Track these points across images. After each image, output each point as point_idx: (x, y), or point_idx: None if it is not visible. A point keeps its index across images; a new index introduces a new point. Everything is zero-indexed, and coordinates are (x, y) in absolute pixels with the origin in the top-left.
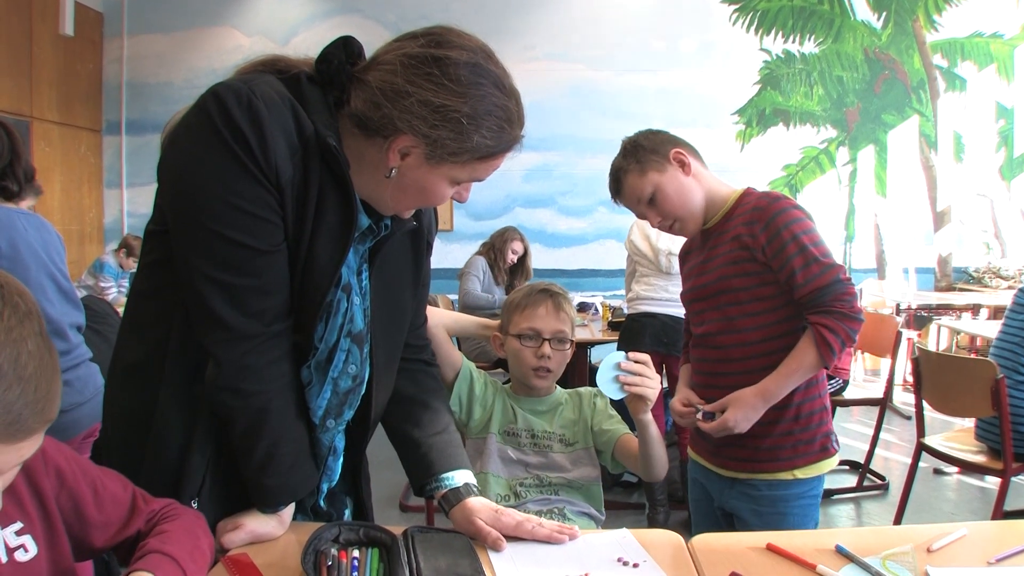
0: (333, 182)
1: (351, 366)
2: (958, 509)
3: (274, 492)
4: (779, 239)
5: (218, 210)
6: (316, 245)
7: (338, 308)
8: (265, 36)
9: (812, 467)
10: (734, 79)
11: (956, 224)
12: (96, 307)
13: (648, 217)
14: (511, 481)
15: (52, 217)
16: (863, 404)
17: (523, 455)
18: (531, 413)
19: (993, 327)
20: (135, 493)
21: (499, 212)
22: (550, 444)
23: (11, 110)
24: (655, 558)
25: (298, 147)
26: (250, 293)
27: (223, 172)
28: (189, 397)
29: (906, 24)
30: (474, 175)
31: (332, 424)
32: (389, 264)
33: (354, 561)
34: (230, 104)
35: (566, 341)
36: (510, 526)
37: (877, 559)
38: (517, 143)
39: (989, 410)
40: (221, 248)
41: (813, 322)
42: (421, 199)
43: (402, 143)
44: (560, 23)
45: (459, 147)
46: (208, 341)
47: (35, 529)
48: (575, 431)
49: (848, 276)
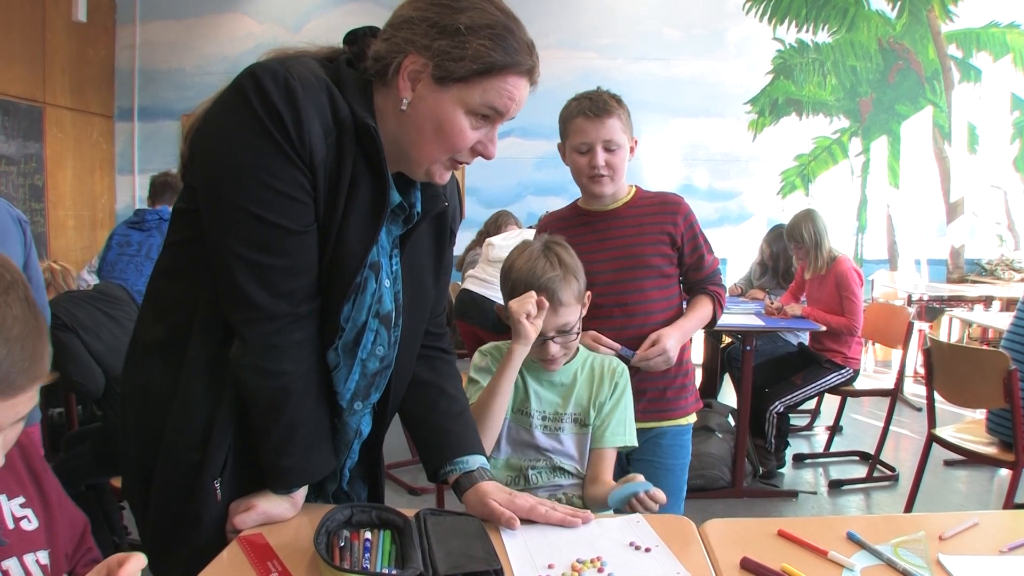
0: (367, 163)
1: (379, 347)
2: (968, 500)
3: (290, 473)
4: (693, 230)
5: (251, 189)
6: (347, 226)
7: (366, 287)
8: (277, 23)
9: (695, 413)
10: (747, 68)
11: (969, 216)
12: (112, 292)
13: (594, 158)
14: (522, 463)
15: (64, 203)
16: (874, 395)
17: (534, 437)
18: (545, 387)
19: (1005, 319)
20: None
21: (511, 199)
22: (562, 426)
23: (24, 96)
24: (667, 543)
25: (332, 128)
26: (280, 273)
27: (258, 151)
28: (212, 378)
29: (921, 14)
30: (487, 98)
31: (360, 407)
32: (417, 250)
33: (366, 543)
34: (266, 84)
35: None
36: (524, 508)
37: (888, 546)
38: (526, 66)
39: (1001, 401)
40: (253, 227)
41: (712, 291)
42: (443, 137)
43: (409, 65)
44: (572, 11)
45: (460, 54)
46: (236, 319)
47: (35, 506)
48: (588, 411)
49: None
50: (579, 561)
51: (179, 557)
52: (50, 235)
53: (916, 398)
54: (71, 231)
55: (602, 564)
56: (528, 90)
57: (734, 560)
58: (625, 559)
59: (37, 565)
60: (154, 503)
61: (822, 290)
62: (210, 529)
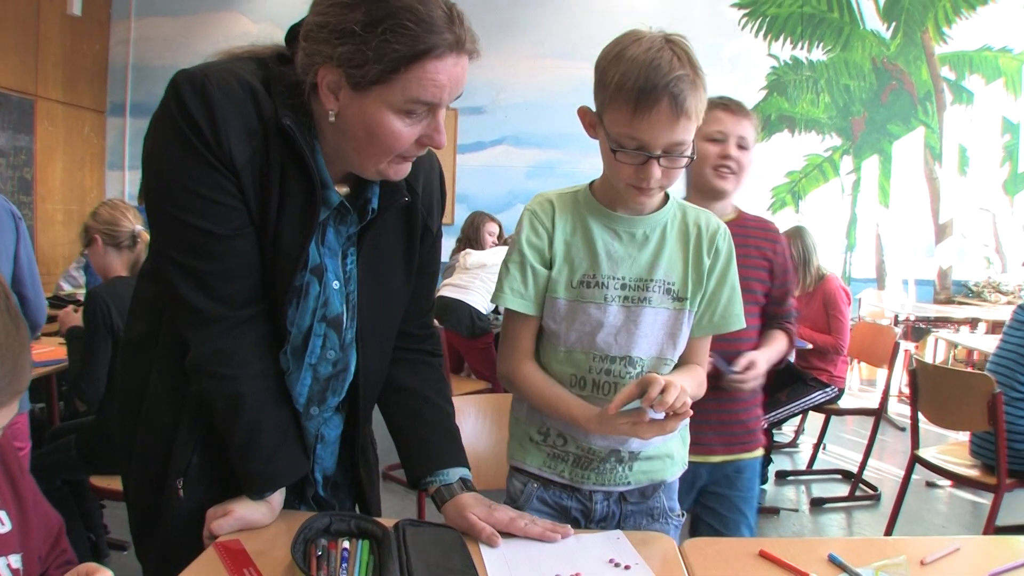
0: (295, 163)
1: (329, 352)
2: (949, 523)
3: (256, 478)
4: (785, 263)
5: (177, 196)
6: (282, 228)
7: (308, 291)
8: (273, 22)
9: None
10: (741, 84)
11: (958, 237)
12: None
13: (727, 148)
14: (587, 357)
15: (53, 196)
16: (858, 414)
17: (606, 316)
18: (625, 243)
19: (991, 342)
20: (63, 528)
21: (501, 207)
22: (648, 297)
23: (16, 88)
24: (647, 561)
25: (257, 129)
26: (215, 277)
27: (180, 159)
28: (179, 376)
29: (915, 35)
30: (408, 93)
31: (316, 411)
32: (378, 248)
33: (344, 552)
34: (184, 92)
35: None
36: (503, 522)
37: (870, 570)
38: (445, 45)
39: (985, 424)
40: (183, 233)
41: (789, 329)
42: (377, 141)
43: (325, 78)
44: (568, 21)
45: (363, 57)
46: (180, 324)
47: (8, 507)
48: (685, 280)
49: None
50: None
51: (154, 550)
52: (38, 229)
53: (900, 418)
54: (59, 225)
55: None
56: (464, 65)
57: None
58: None
59: (9, 570)
60: (130, 495)
61: (809, 308)
62: (176, 526)
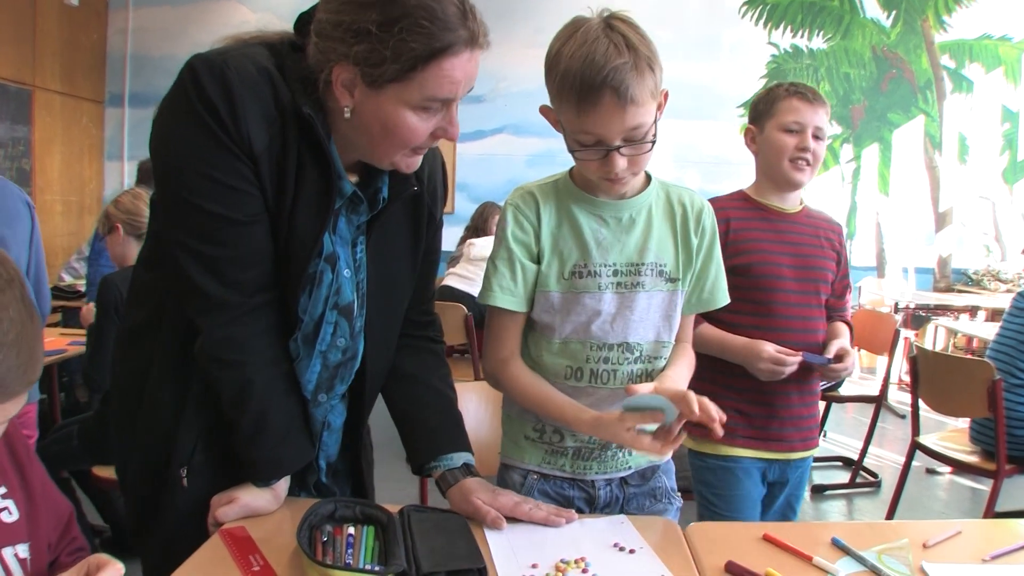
0: (311, 151)
1: (340, 339)
2: (949, 508)
3: (263, 465)
4: (845, 256)
5: (192, 181)
6: (297, 215)
7: (322, 279)
8: (272, 12)
9: None
10: (741, 72)
11: (957, 225)
12: None
13: (805, 139)
14: (584, 347)
15: (52, 187)
16: (858, 401)
17: (601, 305)
18: (612, 229)
19: (991, 329)
20: (73, 515)
21: (501, 196)
22: (640, 281)
23: (13, 79)
24: (651, 545)
25: (275, 117)
26: (227, 263)
27: (196, 144)
28: (182, 364)
29: (915, 23)
30: (426, 91)
31: (324, 399)
32: (386, 237)
33: (349, 538)
34: (202, 76)
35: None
36: (507, 506)
37: (873, 553)
38: (461, 41)
39: (985, 411)
40: (197, 219)
41: (849, 321)
42: (392, 136)
43: (340, 76)
44: (568, 9)
45: (380, 56)
46: (191, 310)
47: (16, 496)
48: (676, 260)
49: None
50: (563, 561)
51: (155, 541)
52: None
53: (900, 405)
54: (58, 216)
55: (586, 565)
56: (477, 59)
57: (719, 564)
58: (609, 560)
59: (16, 559)
60: (128, 487)
61: None
62: (179, 516)
